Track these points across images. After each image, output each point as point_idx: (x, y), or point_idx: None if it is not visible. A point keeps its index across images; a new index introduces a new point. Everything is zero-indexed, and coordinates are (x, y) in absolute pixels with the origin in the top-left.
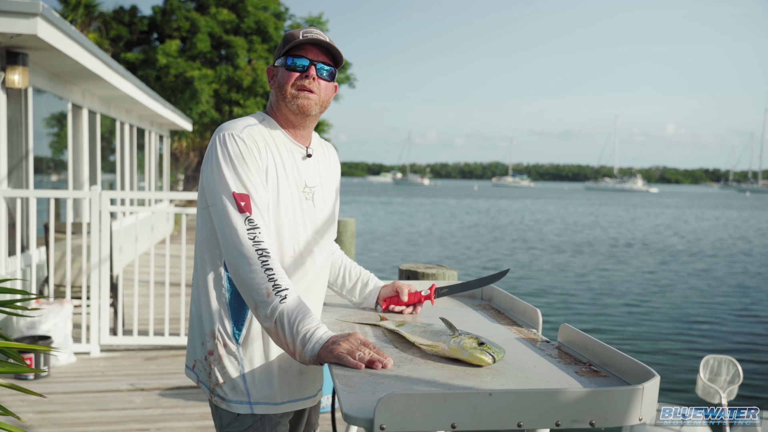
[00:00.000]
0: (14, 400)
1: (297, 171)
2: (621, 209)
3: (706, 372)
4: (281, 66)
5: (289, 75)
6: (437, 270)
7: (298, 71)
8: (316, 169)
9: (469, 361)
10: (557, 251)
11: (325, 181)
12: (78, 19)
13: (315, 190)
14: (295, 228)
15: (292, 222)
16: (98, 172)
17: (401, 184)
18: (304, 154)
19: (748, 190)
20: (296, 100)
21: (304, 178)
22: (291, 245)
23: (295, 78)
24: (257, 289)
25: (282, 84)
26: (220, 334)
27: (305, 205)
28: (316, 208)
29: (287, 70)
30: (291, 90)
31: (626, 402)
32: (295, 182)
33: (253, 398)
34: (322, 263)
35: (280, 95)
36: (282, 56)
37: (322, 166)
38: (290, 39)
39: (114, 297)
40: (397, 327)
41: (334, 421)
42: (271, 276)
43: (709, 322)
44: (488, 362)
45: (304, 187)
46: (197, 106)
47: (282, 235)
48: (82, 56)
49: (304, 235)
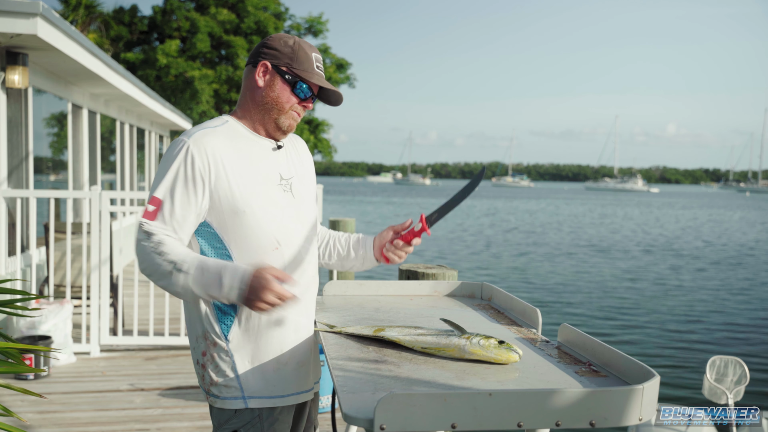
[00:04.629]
0: (14, 400)
1: (268, 164)
2: (636, 210)
3: (713, 373)
4: (287, 83)
5: (291, 97)
6: (437, 270)
7: (301, 98)
8: (289, 161)
9: (495, 360)
10: (602, 254)
11: (300, 171)
12: (78, 19)
13: (292, 182)
14: (277, 220)
15: (270, 215)
16: (98, 172)
17: (402, 184)
18: (274, 146)
19: (748, 190)
20: (289, 120)
21: (278, 170)
22: (274, 237)
23: (295, 102)
24: (161, 275)
25: (282, 101)
26: (210, 335)
27: (284, 197)
28: (296, 199)
29: (292, 92)
30: (288, 111)
31: (626, 402)
32: (268, 175)
33: (247, 392)
34: (311, 253)
35: (275, 107)
36: (292, 74)
37: (293, 158)
38: (306, 61)
39: (114, 297)
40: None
41: (334, 421)
42: (165, 256)
43: (720, 323)
44: (516, 359)
45: (280, 179)
46: (197, 106)
47: (263, 229)
48: (82, 56)
49: (287, 226)
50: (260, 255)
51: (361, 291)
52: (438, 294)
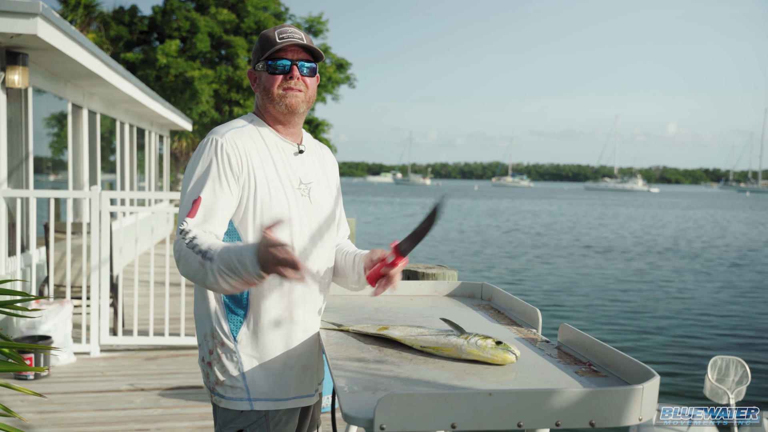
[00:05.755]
0: (14, 400)
1: (290, 168)
2: (636, 210)
3: (714, 372)
4: (263, 71)
5: (273, 78)
6: (437, 270)
7: (282, 74)
8: (311, 166)
9: (491, 361)
10: (624, 256)
11: (321, 178)
12: (78, 19)
13: (311, 187)
14: (292, 224)
15: (287, 218)
16: (98, 172)
17: (402, 184)
18: (296, 150)
19: (748, 190)
20: (284, 100)
21: (298, 174)
22: (289, 241)
23: (279, 81)
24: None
25: (268, 87)
26: (218, 334)
27: (301, 201)
28: (313, 205)
29: (270, 74)
30: (278, 91)
31: (626, 402)
32: (288, 179)
33: (252, 394)
34: (323, 260)
35: (266, 98)
36: (262, 60)
37: (317, 163)
38: (267, 42)
39: (114, 297)
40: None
41: (334, 421)
42: (197, 249)
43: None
44: (513, 360)
45: (299, 183)
46: (197, 106)
47: (279, 231)
48: (82, 56)
49: (301, 230)
50: None
51: (361, 291)
52: (438, 294)
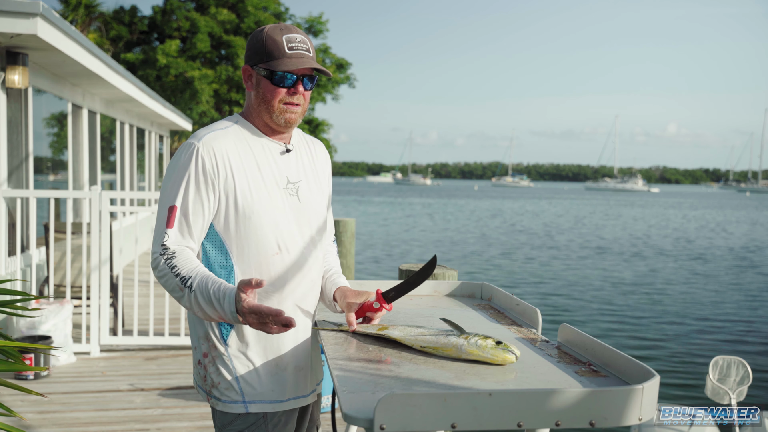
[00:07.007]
0: (14, 400)
1: (275, 167)
2: (634, 210)
3: (716, 373)
4: (265, 77)
5: (275, 91)
6: (437, 270)
7: (285, 87)
8: (299, 164)
9: (491, 361)
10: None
11: (310, 176)
12: (78, 19)
13: (299, 185)
14: (279, 224)
15: (273, 219)
16: (98, 172)
17: (402, 184)
18: (283, 149)
19: (748, 190)
20: (284, 115)
21: (285, 174)
22: (275, 242)
23: (282, 94)
24: (172, 290)
25: (268, 98)
26: (211, 337)
27: (289, 201)
28: (302, 203)
29: (273, 85)
30: (279, 105)
31: (626, 402)
32: (274, 179)
33: (247, 397)
34: (314, 259)
35: (264, 107)
36: (265, 67)
37: (306, 161)
38: (274, 48)
39: (114, 297)
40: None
41: (334, 421)
42: (175, 271)
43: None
44: (513, 360)
45: (287, 183)
46: (197, 106)
47: (264, 233)
48: (83, 56)
49: (289, 230)
50: (260, 260)
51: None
52: (438, 294)
